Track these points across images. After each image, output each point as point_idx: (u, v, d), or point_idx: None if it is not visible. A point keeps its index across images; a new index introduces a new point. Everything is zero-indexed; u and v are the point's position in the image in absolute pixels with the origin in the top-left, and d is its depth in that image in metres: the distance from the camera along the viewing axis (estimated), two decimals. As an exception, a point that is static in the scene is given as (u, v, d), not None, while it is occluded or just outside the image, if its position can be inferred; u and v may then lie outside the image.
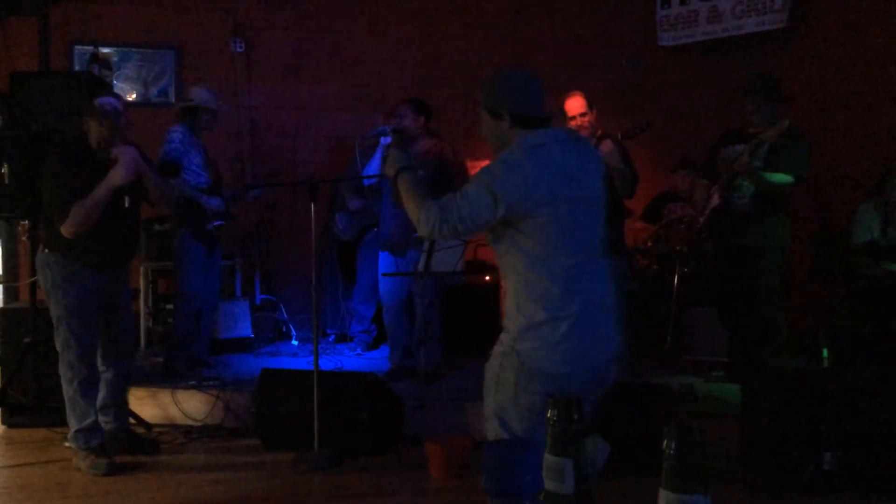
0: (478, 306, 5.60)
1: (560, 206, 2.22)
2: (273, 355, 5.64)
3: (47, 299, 3.73)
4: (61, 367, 3.70)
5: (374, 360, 5.36)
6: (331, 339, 5.99)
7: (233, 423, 4.31)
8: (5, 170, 4.15)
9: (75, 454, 3.74)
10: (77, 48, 6.28)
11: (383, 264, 4.83)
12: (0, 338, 4.47)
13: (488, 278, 5.79)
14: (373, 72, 6.69)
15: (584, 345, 2.23)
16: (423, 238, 2.21)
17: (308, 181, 3.86)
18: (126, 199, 3.73)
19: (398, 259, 4.74)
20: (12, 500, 3.40)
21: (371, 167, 4.97)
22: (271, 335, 6.26)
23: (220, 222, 4.94)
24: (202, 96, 4.93)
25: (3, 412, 4.41)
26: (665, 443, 0.82)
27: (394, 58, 6.71)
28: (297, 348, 5.87)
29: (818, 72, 6.06)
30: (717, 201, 4.45)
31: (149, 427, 4.29)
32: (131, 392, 4.21)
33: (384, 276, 4.76)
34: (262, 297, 6.51)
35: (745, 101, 4.46)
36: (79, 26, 6.30)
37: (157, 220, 5.57)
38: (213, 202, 4.87)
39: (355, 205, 5.69)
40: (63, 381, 3.71)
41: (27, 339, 4.29)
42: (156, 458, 3.90)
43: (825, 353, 4.45)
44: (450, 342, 4.96)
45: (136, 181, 3.69)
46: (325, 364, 4.99)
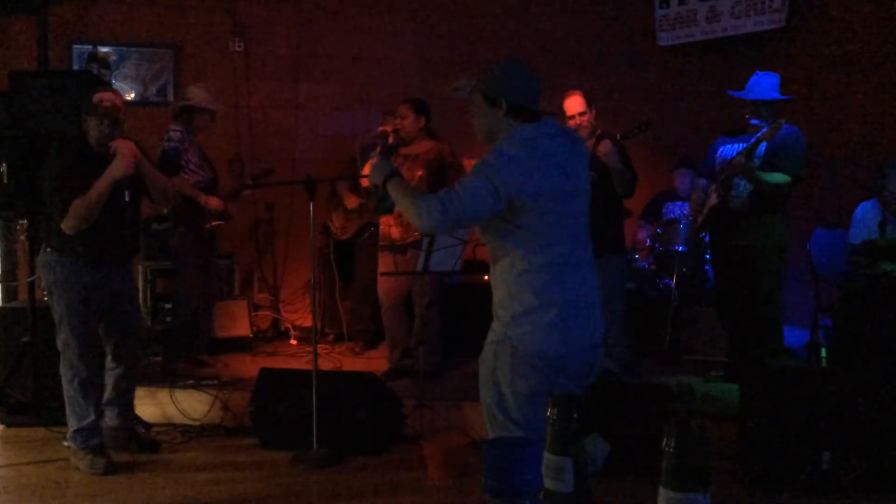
0: (477, 306, 5.52)
1: (554, 197, 2.29)
2: (271, 355, 5.64)
3: (49, 298, 3.73)
4: (62, 366, 3.70)
5: (373, 360, 5.35)
6: (329, 339, 5.99)
7: (231, 422, 4.31)
8: (3, 169, 4.15)
9: (74, 453, 3.73)
10: (76, 47, 6.28)
11: (382, 263, 4.83)
12: (-1, 337, 4.46)
13: (487, 277, 5.76)
14: (372, 72, 6.69)
15: (574, 329, 2.30)
16: (423, 234, 2.24)
17: (306, 180, 3.86)
18: (126, 193, 3.72)
19: (397, 258, 4.74)
20: (11, 500, 3.40)
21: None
22: (270, 335, 6.26)
23: (218, 221, 4.94)
24: (198, 96, 4.93)
25: (1, 411, 4.40)
26: (665, 441, 0.82)
27: (393, 58, 6.71)
28: (296, 348, 5.87)
29: (817, 71, 6.07)
30: (714, 201, 4.45)
31: (147, 426, 4.28)
32: (130, 391, 4.21)
33: (383, 275, 4.76)
34: (261, 296, 6.51)
35: (744, 101, 4.46)
36: (78, 25, 6.30)
37: (155, 220, 5.56)
38: (211, 201, 4.86)
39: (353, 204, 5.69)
40: (63, 381, 3.71)
41: (26, 339, 4.29)
42: (154, 458, 3.90)
43: (823, 352, 4.46)
44: (449, 342, 4.95)
45: (135, 175, 3.67)
46: (324, 363, 4.98)
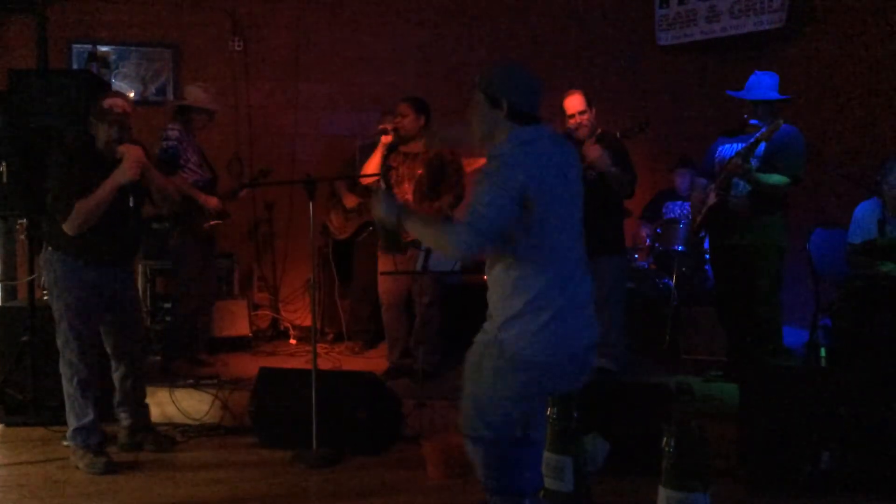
0: (476, 305, 5.51)
1: (554, 199, 2.30)
2: (271, 354, 5.63)
3: (49, 297, 3.74)
4: (62, 364, 3.71)
5: (373, 360, 5.35)
6: (329, 338, 5.99)
7: (230, 421, 4.31)
8: (3, 168, 4.15)
9: (73, 452, 3.73)
10: (75, 46, 6.28)
11: (382, 263, 4.82)
12: (-2, 336, 4.46)
13: (486, 277, 5.76)
14: (371, 71, 6.68)
15: (565, 333, 2.31)
16: (458, 261, 2.28)
17: (306, 180, 3.86)
18: (130, 198, 3.74)
19: (397, 257, 4.73)
20: (10, 499, 3.40)
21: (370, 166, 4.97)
22: (269, 334, 6.26)
23: (216, 220, 4.94)
24: (196, 96, 4.92)
25: (1, 410, 4.40)
26: (665, 441, 0.82)
27: (393, 57, 6.71)
28: (295, 347, 5.87)
29: (816, 71, 6.07)
30: (713, 200, 4.45)
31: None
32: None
33: (382, 274, 4.76)
34: (260, 295, 6.51)
35: (743, 101, 4.46)
36: (77, 25, 6.30)
37: (154, 219, 5.55)
38: (210, 200, 4.86)
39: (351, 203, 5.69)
40: (63, 379, 3.71)
41: (25, 338, 4.29)
42: (154, 457, 3.90)
43: (823, 352, 4.46)
44: (448, 341, 4.95)
45: (139, 181, 3.69)
46: (324, 363, 4.98)
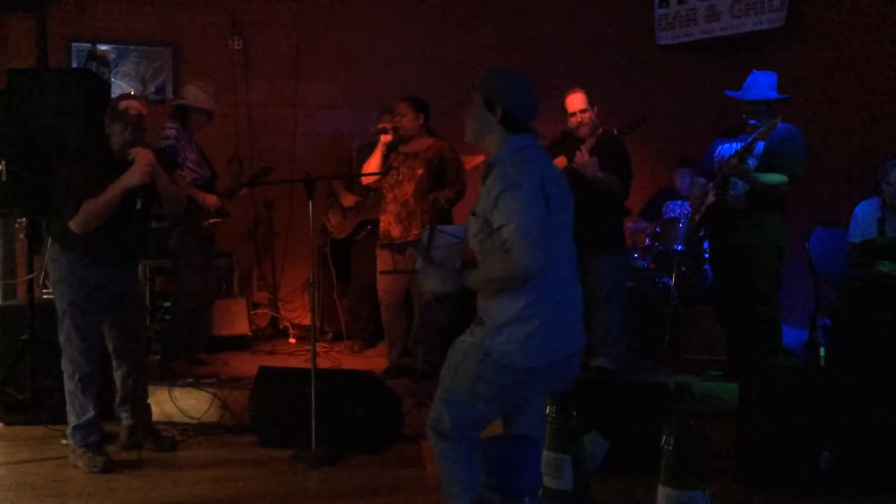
0: (476, 305, 5.56)
1: (554, 205, 2.28)
2: (270, 353, 5.63)
3: (53, 293, 3.76)
4: (63, 361, 3.71)
5: (372, 359, 5.35)
6: (328, 337, 5.99)
7: (230, 420, 4.31)
8: (2, 167, 4.14)
9: (73, 451, 3.73)
10: (75, 45, 6.27)
11: (381, 262, 4.82)
12: (-2, 335, 4.46)
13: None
14: (371, 70, 6.68)
15: (553, 342, 2.32)
16: (530, 279, 2.28)
17: (305, 179, 3.86)
18: (138, 201, 3.74)
19: (396, 257, 4.73)
20: (9, 498, 3.40)
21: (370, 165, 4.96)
22: (268, 333, 6.26)
23: (215, 219, 4.94)
24: (195, 95, 4.92)
25: (0, 409, 4.40)
26: (664, 439, 0.82)
27: (393, 57, 6.71)
28: (295, 346, 5.87)
29: (816, 71, 6.07)
30: (712, 199, 4.45)
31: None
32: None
33: (382, 273, 4.76)
34: (260, 294, 6.50)
35: (743, 100, 4.46)
36: (76, 24, 6.29)
37: (154, 218, 5.54)
38: (209, 199, 4.86)
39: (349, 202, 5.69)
40: (64, 376, 3.72)
41: (24, 337, 4.29)
42: (153, 456, 3.90)
43: (822, 352, 4.46)
44: (448, 341, 4.94)
45: (149, 184, 3.71)
46: (323, 362, 4.98)
